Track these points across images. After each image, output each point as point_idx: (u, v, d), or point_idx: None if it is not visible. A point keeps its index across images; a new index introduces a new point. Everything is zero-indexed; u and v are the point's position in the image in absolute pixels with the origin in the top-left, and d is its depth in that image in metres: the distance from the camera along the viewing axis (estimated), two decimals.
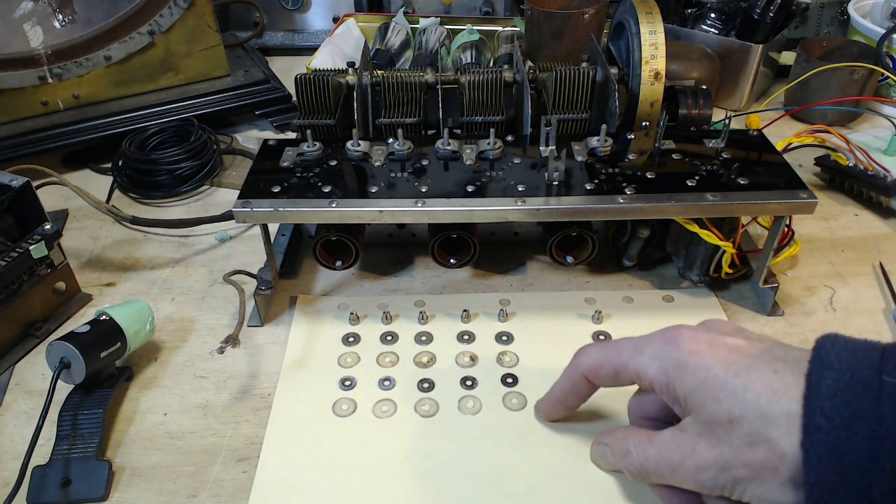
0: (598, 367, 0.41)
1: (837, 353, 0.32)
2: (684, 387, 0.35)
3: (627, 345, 0.39)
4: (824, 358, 0.32)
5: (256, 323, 0.57)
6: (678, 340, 0.37)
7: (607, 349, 0.41)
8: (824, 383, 0.31)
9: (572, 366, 0.43)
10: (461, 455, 0.46)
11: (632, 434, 0.39)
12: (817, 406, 0.30)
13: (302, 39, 1.08)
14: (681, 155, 0.57)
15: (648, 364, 0.37)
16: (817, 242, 0.65)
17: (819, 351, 0.32)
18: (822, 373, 0.31)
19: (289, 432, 0.48)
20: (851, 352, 0.32)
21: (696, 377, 0.35)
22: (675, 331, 0.38)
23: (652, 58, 0.59)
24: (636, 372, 0.38)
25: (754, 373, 0.33)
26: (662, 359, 0.37)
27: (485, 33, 0.90)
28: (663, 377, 0.37)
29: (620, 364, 0.39)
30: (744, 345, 0.35)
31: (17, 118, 0.77)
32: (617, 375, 0.40)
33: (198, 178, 0.75)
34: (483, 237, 0.64)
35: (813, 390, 0.31)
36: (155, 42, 0.80)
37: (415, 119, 0.62)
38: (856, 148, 0.71)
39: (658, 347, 0.37)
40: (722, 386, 0.34)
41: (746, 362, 0.34)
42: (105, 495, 0.44)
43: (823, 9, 1.00)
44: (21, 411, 0.51)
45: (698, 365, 0.35)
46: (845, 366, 0.31)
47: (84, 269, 0.64)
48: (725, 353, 0.35)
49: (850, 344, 0.32)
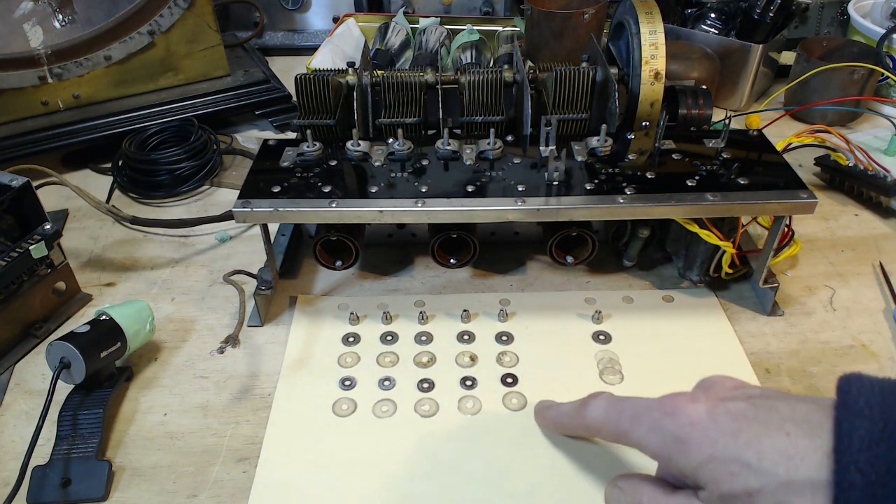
0: (600, 426, 0.40)
1: (867, 398, 0.29)
2: (689, 463, 0.33)
3: (629, 410, 0.38)
4: (852, 405, 0.29)
5: (256, 323, 0.57)
6: (676, 411, 0.34)
7: (611, 410, 0.39)
8: (856, 434, 0.28)
9: (578, 414, 0.42)
10: (461, 455, 0.46)
11: (648, 485, 0.37)
12: (851, 461, 0.28)
13: (302, 39, 1.08)
14: (681, 155, 0.57)
15: (648, 437, 0.36)
16: (817, 242, 0.65)
17: (845, 396, 0.30)
18: (852, 423, 0.28)
19: (289, 432, 0.48)
20: (881, 396, 0.29)
21: (701, 452, 0.33)
22: (672, 400, 0.35)
23: (652, 58, 0.59)
24: (637, 443, 0.37)
25: (766, 440, 0.31)
26: (662, 432, 0.35)
27: (485, 33, 0.90)
28: (664, 451, 0.35)
29: (621, 432, 0.38)
30: (747, 409, 0.33)
31: (17, 118, 0.77)
32: (618, 440, 0.39)
33: (198, 178, 0.75)
34: (483, 237, 0.64)
35: (843, 443, 0.28)
36: (155, 42, 0.80)
37: (415, 119, 0.62)
38: (856, 148, 0.71)
39: (656, 418, 0.35)
40: (733, 459, 0.31)
41: (755, 429, 0.31)
42: (105, 495, 0.44)
43: (823, 9, 1.00)
44: (21, 411, 0.51)
45: (702, 439, 0.33)
46: (877, 413, 0.28)
47: (84, 269, 0.64)
48: (729, 421, 0.32)
49: (877, 386, 0.30)
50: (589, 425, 0.41)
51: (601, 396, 0.41)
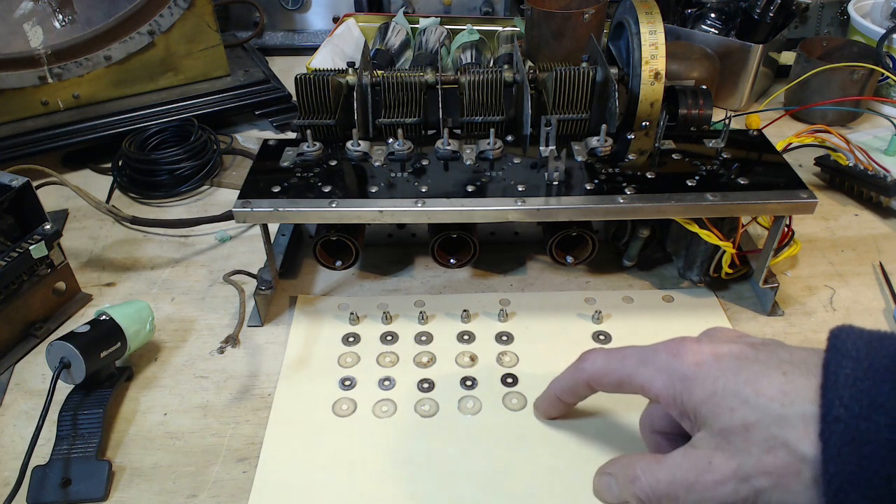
0: (602, 375, 0.41)
1: (854, 341, 0.31)
2: (692, 399, 0.35)
3: (633, 355, 0.39)
4: (841, 347, 0.31)
5: (256, 323, 0.57)
6: (682, 353, 0.36)
7: (612, 358, 0.40)
8: (842, 373, 0.30)
9: (576, 369, 0.43)
10: (461, 455, 0.46)
11: (638, 459, 0.37)
12: (836, 396, 0.30)
13: (302, 39, 1.08)
14: (681, 155, 0.57)
15: (654, 377, 0.37)
16: (817, 242, 0.65)
17: (835, 340, 0.32)
18: (839, 362, 0.31)
19: (289, 432, 0.48)
20: (868, 341, 0.31)
21: (704, 389, 0.34)
22: (679, 343, 0.37)
23: (652, 58, 0.59)
24: (641, 384, 0.38)
25: (763, 378, 0.33)
26: (668, 371, 0.36)
27: (485, 33, 0.90)
28: (670, 390, 0.36)
29: (625, 375, 0.39)
30: (748, 351, 0.35)
31: (17, 118, 0.77)
32: (621, 385, 0.40)
33: (198, 178, 0.75)
34: (483, 237, 0.64)
35: (830, 380, 0.30)
36: (155, 42, 0.80)
37: (415, 119, 0.62)
38: (856, 148, 0.71)
39: (663, 360, 0.37)
40: (733, 395, 0.33)
41: (755, 369, 0.33)
42: (105, 495, 0.44)
43: (823, 9, 1.00)
44: (21, 411, 0.51)
45: (706, 376, 0.35)
46: (863, 354, 0.30)
47: (84, 269, 0.64)
48: (731, 362, 0.34)
49: (865, 333, 0.32)
50: (590, 377, 0.42)
51: (596, 350, 0.42)
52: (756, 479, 0.32)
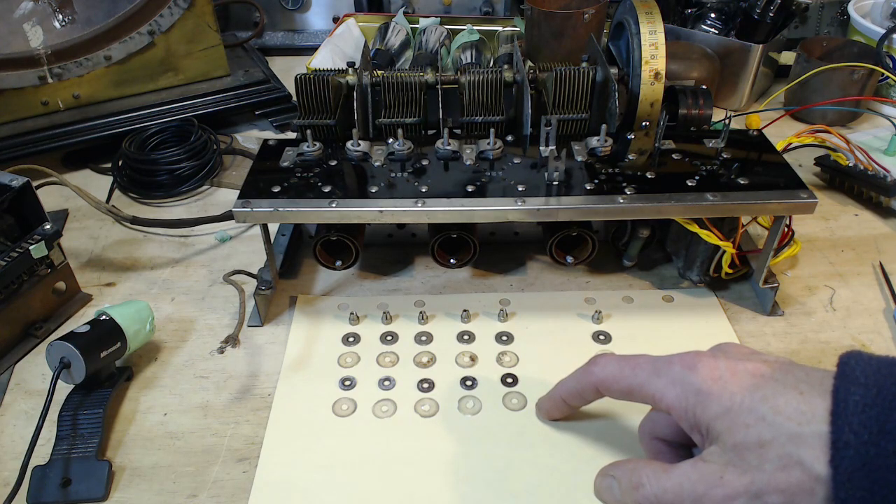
0: (612, 381, 0.40)
1: (863, 368, 0.31)
2: (706, 413, 0.34)
3: (646, 364, 0.39)
4: (849, 374, 0.31)
5: (256, 323, 0.57)
6: (698, 366, 0.36)
7: (624, 365, 0.40)
8: (851, 399, 0.30)
9: (585, 372, 0.42)
10: (461, 455, 0.46)
11: (644, 465, 0.37)
12: (845, 423, 0.30)
13: (302, 39, 1.08)
14: (681, 155, 0.57)
15: (667, 388, 0.37)
16: (817, 242, 0.65)
17: (844, 367, 0.32)
18: (848, 389, 0.31)
19: (289, 432, 0.48)
20: (876, 368, 0.31)
21: (720, 404, 0.34)
22: (694, 356, 0.37)
23: (652, 58, 0.59)
24: (652, 394, 0.38)
25: (780, 397, 0.33)
26: (682, 384, 0.36)
27: (485, 33, 0.90)
28: (682, 402, 0.36)
29: (636, 384, 0.39)
30: (764, 369, 0.35)
31: (17, 118, 0.77)
32: (630, 393, 0.39)
33: (198, 178, 0.75)
34: (483, 237, 0.64)
35: (840, 407, 0.30)
36: (155, 42, 0.80)
37: (415, 119, 0.62)
38: (856, 148, 0.71)
39: (677, 372, 0.37)
40: (749, 411, 0.33)
41: (772, 387, 0.33)
42: (105, 495, 0.44)
43: (823, 9, 1.00)
44: (21, 411, 0.51)
45: (721, 392, 0.34)
46: (871, 381, 0.31)
47: (84, 269, 0.64)
48: (747, 378, 0.34)
49: (874, 360, 0.32)
50: (600, 381, 0.41)
51: (607, 355, 0.42)
52: (768, 496, 0.31)
